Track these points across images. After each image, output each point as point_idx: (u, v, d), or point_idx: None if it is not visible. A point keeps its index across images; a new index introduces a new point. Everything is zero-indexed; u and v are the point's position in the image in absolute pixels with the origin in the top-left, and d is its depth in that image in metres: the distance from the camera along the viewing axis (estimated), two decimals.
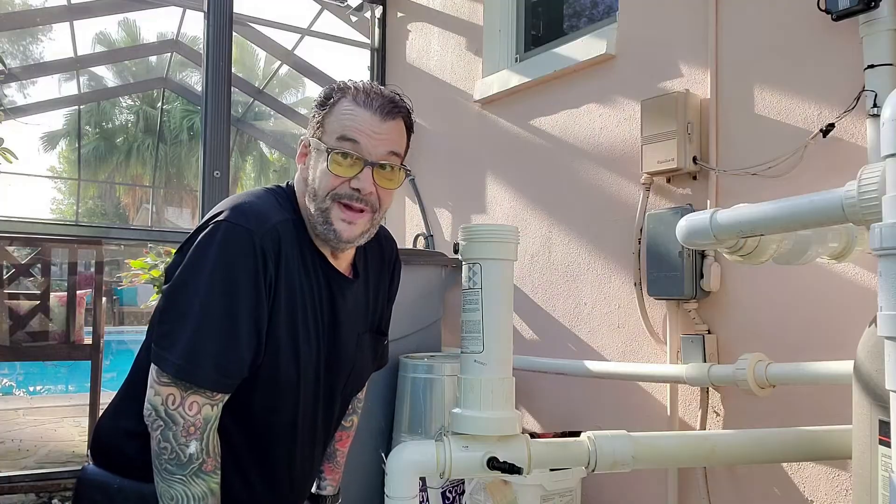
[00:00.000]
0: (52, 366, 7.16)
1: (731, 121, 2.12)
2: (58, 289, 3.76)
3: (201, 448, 1.06)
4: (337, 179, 1.14)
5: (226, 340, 1.07)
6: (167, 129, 18.82)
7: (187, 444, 1.05)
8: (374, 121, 1.14)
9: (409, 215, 3.78)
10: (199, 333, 1.06)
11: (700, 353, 2.07)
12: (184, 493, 1.05)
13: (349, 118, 1.14)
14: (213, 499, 1.08)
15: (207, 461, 1.07)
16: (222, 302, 1.07)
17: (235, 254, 1.08)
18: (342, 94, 1.16)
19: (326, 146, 1.14)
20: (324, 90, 1.19)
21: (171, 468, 1.06)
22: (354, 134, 1.13)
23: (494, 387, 1.30)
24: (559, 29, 3.20)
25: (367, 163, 1.14)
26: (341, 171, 1.13)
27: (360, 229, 1.17)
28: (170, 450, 1.05)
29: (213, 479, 1.08)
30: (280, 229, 1.13)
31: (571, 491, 2.15)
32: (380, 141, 1.15)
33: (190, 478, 1.06)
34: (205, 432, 1.07)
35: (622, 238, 2.44)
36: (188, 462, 1.05)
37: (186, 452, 1.05)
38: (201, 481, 1.06)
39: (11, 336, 3.43)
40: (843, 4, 1.71)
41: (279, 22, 4.64)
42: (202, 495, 1.06)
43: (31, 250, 3.63)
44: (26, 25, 12.99)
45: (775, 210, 1.37)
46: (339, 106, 1.15)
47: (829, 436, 1.49)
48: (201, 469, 1.06)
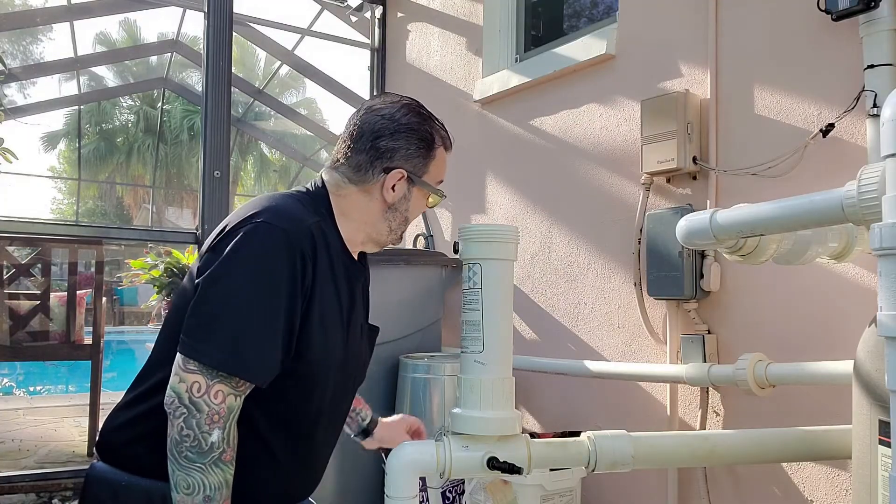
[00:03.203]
0: (52, 366, 7.16)
1: (731, 121, 2.12)
2: (58, 289, 3.76)
3: (223, 437, 1.07)
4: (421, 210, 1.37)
5: (266, 334, 1.10)
6: (167, 129, 18.82)
7: (210, 433, 1.06)
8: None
9: None
10: (240, 326, 1.09)
11: (700, 353, 2.07)
12: (201, 482, 1.06)
13: (443, 165, 1.38)
14: (227, 490, 1.09)
15: (227, 451, 1.08)
16: (262, 298, 1.10)
17: (275, 253, 1.12)
18: (441, 141, 1.36)
19: (438, 192, 1.36)
20: (419, 124, 1.31)
21: (192, 456, 1.06)
22: (443, 177, 1.40)
23: (494, 387, 1.30)
24: (559, 29, 3.20)
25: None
26: (434, 203, 1.39)
27: None
28: (192, 437, 1.06)
29: (230, 470, 1.09)
30: (314, 231, 1.18)
31: (571, 491, 2.15)
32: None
33: (209, 466, 1.06)
34: (227, 421, 1.08)
35: (622, 238, 2.44)
36: (209, 450, 1.06)
37: (209, 441, 1.06)
38: (219, 471, 1.07)
39: (11, 336, 3.43)
40: (843, 4, 1.71)
41: (279, 22, 4.64)
42: (218, 485, 1.07)
43: (31, 250, 3.64)
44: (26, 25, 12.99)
45: (775, 210, 1.38)
46: (439, 153, 1.36)
47: (829, 436, 1.49)
48: (221, 458, 1.07)
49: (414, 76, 3.85)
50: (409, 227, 4.18)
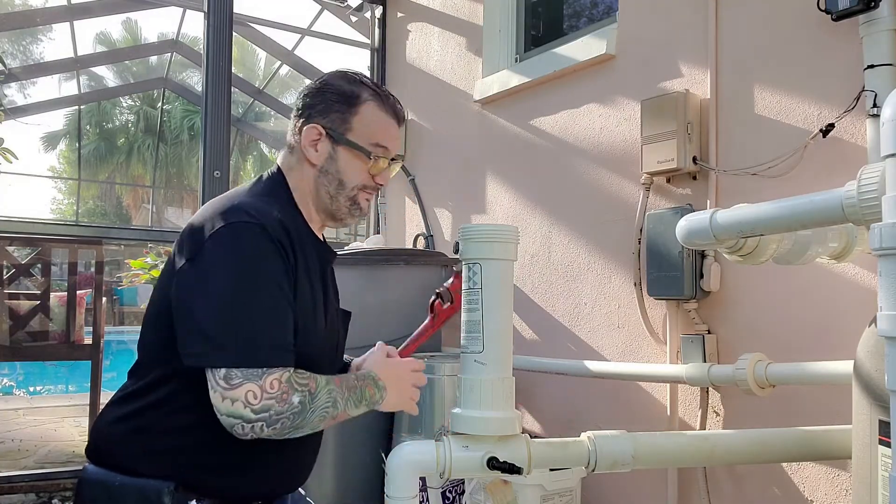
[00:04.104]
0: (52, 366, 7.15)
1: (731, 121, 2.12)
2: (58, 289, 3.75)
3: (298, 390, 1.10)
4: (369, 177, 1.30)
5: (274, 321, 1.12)
6: (167, 129, 18.81)
7: (291, 403, 1.09)
8: (395, 126, 1.33)
9: (409, 215, 3.78)
10: (255, 321, 1.09)
11: (700, 353, 2.07)
12: (322, 415, 1.13)
13: (382, 127, 1.30)
14: (322, 381, 1.15)
15: (310, 384, 1.12)
16: (259, 291, 1.11)
17: (257, 247, 1.13)
18: (368, 96, 1.29)
19: (366, 151, 1.27)
20: (342, 83, 1.29)
21: (303, 424, 1.11)
22: (387, 142, 1.30)
23: (494, 387, 1.30)
24: (559, 29, 3.20)
25: (390, 161, 1.32)
26: (375, 170, 1.30)
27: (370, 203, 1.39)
28: (288, 424, 1.09)
29: (317, 381, 1.14)
30: (283, 219, 1.19)
31: (571, 491, 2.15)
32: (398, 144, 1.35)
33: (312, 409, 1.11)
34: (290, 384, 1.09)
35: (622, 238, 2.44)
36: (302, 410, 1.10)
37: (295, 409, 1.09)
38: (320, 395, 1.13)
39: (11, 336, 3.43)
40: (843, 4, 1.71)
41: (279, 22, 4.64)
42: (328, 399, 1.14)
43: (31, 250, 3.63)
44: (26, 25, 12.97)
45: (775, 210, 1.38)
46: (367, 110, 1.28)
47: (829, 436, 1.49)
48: (311, 394, 1.12)
49: (414, 76, 3.85)
50: (409, 227, 4.17)
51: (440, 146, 3.55)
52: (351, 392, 1.19)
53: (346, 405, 1.18)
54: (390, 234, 3.91)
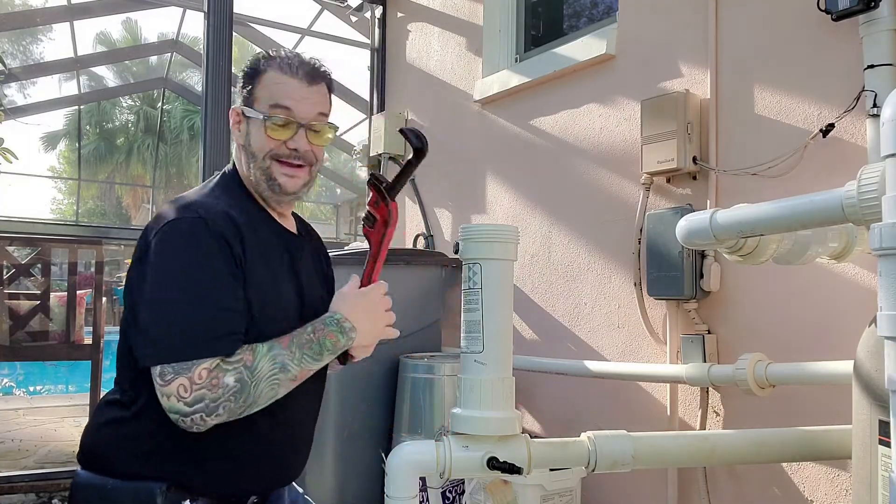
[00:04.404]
0: (52, 366, 7.15)
1: (731, 121, 2.12)
2: (58, 289, 3.76)
3: (229, 371, 1.08)
4: (274, 142, 1.26)
5: (210, 312, 1.11)
6: (167, 129, 18.80)
7: (226, 385, 1.07)
8: (301, 87, 1.27)
9: (409, 215, 3.78)
10: (181, 321, 1.09)
11: (700, 353, 2.07)
12: (272, 383, 1.11)
13: (279, 87, 1.26)
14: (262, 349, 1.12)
15: (244, 359, 1.10)
16: (198, 285, 1.12)
17: (196, 242, 1.13)
18: (268, 65, 1.27)
19: (263, 114, 1.25)
20: (249, 62, 1.31)
21: (241, 406, 1.09)
22: (286, 101, 1.25)
23: (494, 387, 1.30)
24: (559, 29, 3.20)
25: (301, 125, 1.26)
26: (278, 134, 1.25)
27: (302, 181, 1.29)
28: (233, 405, 1.08)
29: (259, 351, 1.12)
30: (230, 212, 1.20)
31: (571, 491, 2.15)
32: (309, 104, 1.27)
33: (255, 382, 1.09)
34: (219, 369, 1.08)
35: (622, 238, 2.44)
36: (242, 387, 1.08)
37: (232, 390, 1.07)
38: (260, 365, 1.10)
39: (11, 336, 3.43)
40: (843, 4, 1.71)
41: (279, 22, 4.65)
42: (272, 366, 1.11)
43: (31, 250, 3.63)
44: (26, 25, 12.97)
45: (775, 210, 1.38)
46: (267, 76, 1.27)
47: (829, 436, 1.49)
48: (248, 367, 1.09)
49: (414, 76, 3.85)
50: (409, 227, 4.17)
51: (440, 146, 3.55)
52: (305, 348, 1.16)
53: (301, 363, 1.15)
54: None
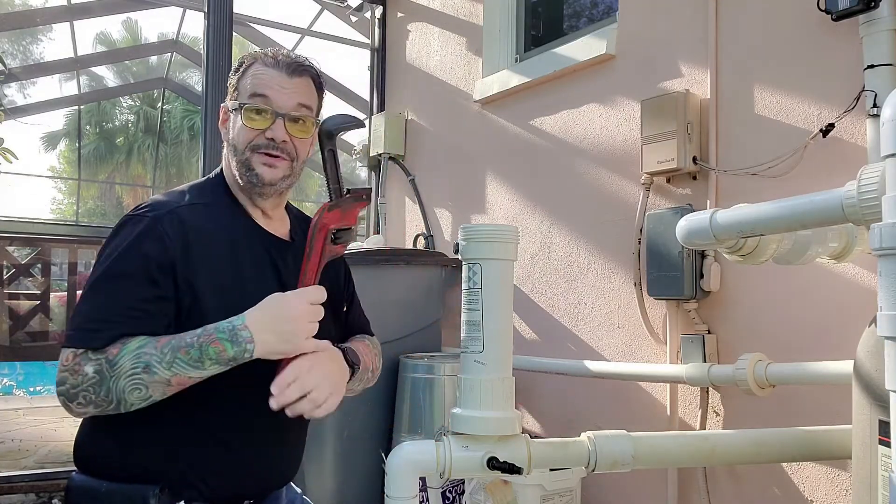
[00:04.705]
0: (52, 366, 7.12)
1: (731, 121, 2.12)
2: (58, 289, 3.76)
3: (92, 360, 1.06)
4: (252, 132, 1.23)
5: (106, 305, 1.10)
6: (167, 129, 18.80)
7: (86, 374, 1.05)
8: (281, 77, 1.24)
9: (409, 215, 3.78)
10: (83, 311, 1.11)
11: (700, 353, 2.07)
12: (133, 382, 1.04)
13: (259, 79, 1.24)
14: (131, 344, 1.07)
15: (109, 351, 1.06)
16: (105, 279, 1.12)
17: (132, 237, 1.14)
18: (253, 59, 1.27)
19: (241, 103, 1.24)
20: (238, 59, 1.31)
21: (106, 395, 1.05)
22: (264, 89, 1.23)
23: (494, 387, 1.30)
24: (559, 29, 3.20)
25: (279, 114, 1.23)
26: (255, 123, 1.22)
27: (282, 173, 1.25)
28: (92, 396, 1.05)
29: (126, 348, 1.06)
30: (183, 211, 1.19)
31: (571, 491, 2.15)
32: (288, 94, 1.24)
33: (114, 377, 1.04)
34: (85, 356, 1.06)
35: (622, 238, 2.44)
36: (101, 379, 1.04)
37: (89, 378, 1.04)
38: (121, 360, 1.05)
39: (11, 336, 3.43)
40: (843, 4, 1.71)
41: (279, 22, 4.64)
42: (134, 363, 1.05)
43: (31, 250, 3.64)
44: (26, 25, 12.97)
45: (775, 210, 1.37)
46: (251, 69, 1.26)
47: (829, 436, 1.49)
48: (108, 361, 1.05)
49: (414, 76, 3.85)
50: (409, 227, 4.17)
51: (440, 146, 3.55)
52: (181, 352, 1.06)
53: (172, 368, 1.05)
54: (390, 234, 3.91)
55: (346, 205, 1.20)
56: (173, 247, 1.14)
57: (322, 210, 1.18)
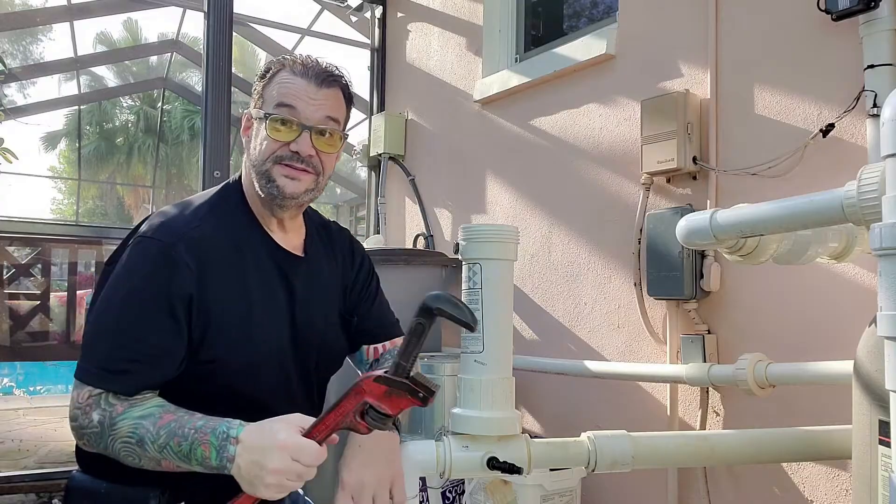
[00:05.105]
0: (52, 366, 7.14)
1: (731, 121, 2.12)
2: (58, 289, 3.75)
3: (101, 408, 1.05)
4: (276, 144, 1.17)
5: (123, 342, 1.08)
6: (168, 129, 18.80)
7: (91, 419, 1.05)
8: (310, 88, 1.19)
9: (409, 215, 3.78)
10: (109, 343, 1.08)
11: (700, 353, 2.07)
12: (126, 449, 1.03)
13: (286, 86, 1.19)
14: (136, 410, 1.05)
15: (116, 407, 1.05)
16: (129, 312, 1.09)
17: (146, 266, 1.11)
18: (280, 65, 1.22)
19: (266, 113, 1.18)
20: (264, 64, 1.26)
21: (105, 447, 1.04)
22: (291, 100, 1.17)
23: (494, 387, 1.30)
24: (559, 29, 3.20)
25: (305, 127, 1.17)
26: (280, 135, 1.17)
27: (305, 186, 1.20)
28: (94, 441, 1.05)
29: (131, 412, 1.05)
30: (198, 235, 1.15)
31: (571, 491, 2.15)
32: (317, 106, 1.18)
33: (111, 436, 1.03)
34: (97, 400, 1.05)
35: (622, 238, 2.44)
36: (101, 431, 1.04)
37: (93, 425, 1.04)
38: (120, 424, 1.03)
39: (11, 336, 3.43)
40: (843, 4, 1.71)
41: (279, 22, 4.64)
42: (130, 432, 1.03)
43: (31, 250, 3.63)
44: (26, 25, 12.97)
45: (775, 210, 1.37)
46: (278, 77, 1.21)
47: (828, 436, 1.49)
48: (111, 418, 1.04)
49: (414, 76, 3.85)
50: (409, 227, 4.16)
51: (440, 146, 3.55)
52: (174, 440, 1.01)
53: (163, 452, 1.01)
54: (390, 234, 3.91)
55: (397, 390, 0.98)
56: (191, 277, 1.11)
57: (371, 376, 0.99)
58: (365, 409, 0.99)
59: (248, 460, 0.98)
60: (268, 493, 0.99)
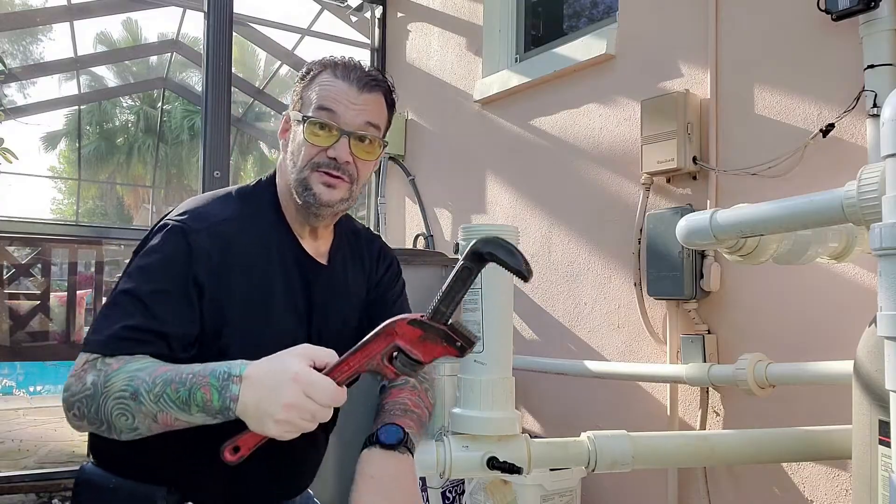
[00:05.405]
0: (52, 366, 7.14)
1: (731, 121, 2.12)
2: (58, 289, 3.76)
3: (97, 370, 0.99)
4: (314, 149, 1.14)
5: (134, 312, 1.03)
6: (167, 129, 18.81)
7: (84, 383, 0.98)
8: (351, 92, 1.15)
9: (409, 215, 3.78)
10: (109, 316, 1.04)
11: (700, 353, 2.07)
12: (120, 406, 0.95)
13: (326, 89, 1.15)
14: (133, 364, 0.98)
15: (112, 365, 0.98)
16: (142, 287, 1.06)
17: (168, 247, 1.08)
18: (322, 67, 1.18)
19: (305, 116, 1.15)
20: (305, 65, 1.21)
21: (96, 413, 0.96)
22: (331, 104, 1.14)
23: (494, 387, 1.30)
24: (559, 29, 3.20)
25: (344, 132, 1.14)
26: (318, 140, 1.14)
27: (340, 195, 1.16)
28: (84, 409, 0.97)
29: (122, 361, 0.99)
30: (224, 227, 1.12)
31: (571, 491, 2.15)
32: (357, 111, 1.15)
33: (104, 394, 0.95)
34: (93, 364, 1.00)
35: (622, 238, 2.44)
36: (94, 393, 0.97)
37: (86, 388, 0.97)
38: (115, 378, 0.96)
39: (11, 336, 3.44)
40: (843, 4, 1.71)
41: (279, 22, 4.64)
42: (125, 385, 0.95)
43: (31, 250, 3.64)
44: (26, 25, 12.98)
45: (775, 210, 1.38)
46: (319, 78, 1.17)
47: (828, 436, 1.49)
48: (105, 375, 0.97)
49: (414, 76, 3.85)
50: (409, 227, 4.16)
51: (440, 146, 3.55)
52: (171, 387, 0.94)
53: (159, 403, 0.94)
54: (390, 234, 3.91)
55: (433, 335, 0.91)
56: (208, 268, 1.08)
57: (405, 318, 0.92)
58: (394, 352, 0.92)
59: (257, 396, 0.91)
60: (277, 430, 0.91)
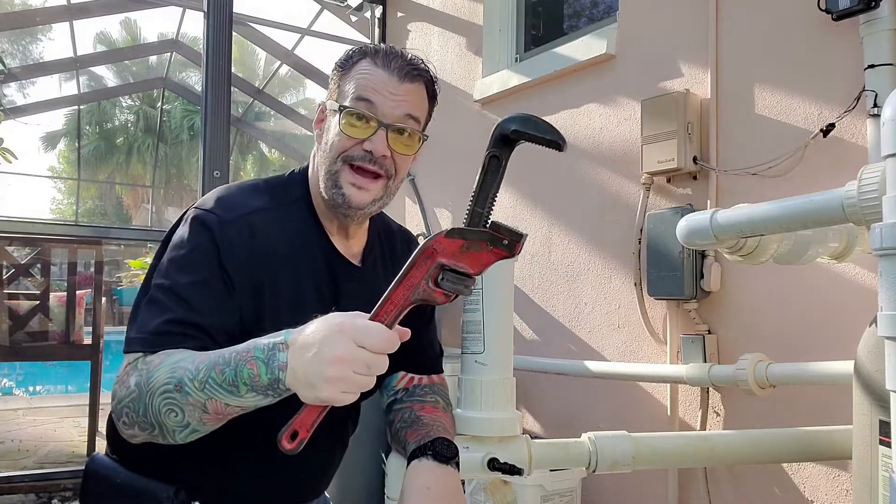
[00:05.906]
0: (52, 366, 7.15)
1: (731, 121, 2.12)
2: (58, 289, 3.76)
3: (139, 370, 0.95)
4: (350, 141, 1.07)
5: (167, 307, 1.00)
6: (167, 128, 18.82)
7: (128, 386, 0.94)
8: (391, 81, 1.07)
9: (409, 215, 3.78)
10: (144, 314, 1.01)
11: (700, 353, 2.07)
12: (167, 401, 0.90)
13: (365, 78, 1.07)
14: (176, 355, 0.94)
15: (153, 361, 0.94)
16: (174, 279, 1.02)
17: (196, 239, 1.03)
18: (362, 55, 1.10)
19: (340, 105, 1.08)
20: (345, 52, 1.14)
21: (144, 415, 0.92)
22: (369, 94, 1.06)
23: (495, 387, 1.30)
24: (559, 29, 3.20)
25: (382, 124, 1.06)
26: (354, 131, 1.06)
27: (372, 196, 1.09)
28: (132, 413, 0.93)
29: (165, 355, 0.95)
30: (254, 218, 1.07)
31: (572, 491, 2.15)
32: (397, 102, 1.07)
33: (150, 392, 0.90)
34: (135, 366, 0.97)
35: (622, 238, 2.44)
36: (139, 394, 0.92)
37: (131, 391, 0.93)
38: (158, 373, 0.91)
39: (11, 336, 3.44)
40: (843, 4, 1.71)
41: (279, 22, 4.64)
42: (168, 377, 0.90)
43: (31, 250, 3.64)
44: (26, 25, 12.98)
45: (775, 210, 1.37)
46: (358, 66, 1.09)
47: (829, 436, 1.49)
48: (148, 372, 0.93)
49: None
50: (409, 227, 4.17)
51: (440, 146, 3.54)
52: (216, 370, 0.88)
53: (205, 390, 0.87)
54: None
55: (476, 242, 0.83)
56: (236, 262, 1.04)
57: (441, 232, 0.84)
58: (439, 273, 0.82)
59: (304, 359, 0.82)
60: (330, 390, 0.81)
